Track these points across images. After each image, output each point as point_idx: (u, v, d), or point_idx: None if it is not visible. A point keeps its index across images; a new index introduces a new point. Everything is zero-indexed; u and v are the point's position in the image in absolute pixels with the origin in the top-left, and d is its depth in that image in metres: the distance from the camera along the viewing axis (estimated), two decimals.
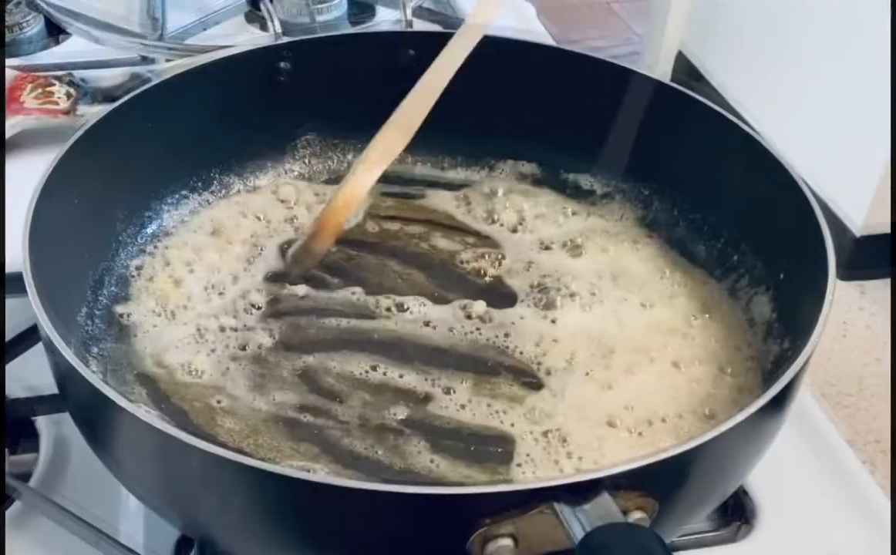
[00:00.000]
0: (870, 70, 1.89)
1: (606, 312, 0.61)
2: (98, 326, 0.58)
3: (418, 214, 0.69)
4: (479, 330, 0.59)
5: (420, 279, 0.63)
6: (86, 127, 0.58)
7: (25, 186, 0.53)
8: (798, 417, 0.60)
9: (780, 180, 0.57)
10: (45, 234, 0.51)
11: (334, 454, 0.51)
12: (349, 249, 0.66)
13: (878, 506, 0.56)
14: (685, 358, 0.57)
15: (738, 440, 0.43)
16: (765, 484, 0.56)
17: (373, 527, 0.40)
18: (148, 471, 0.45)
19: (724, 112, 0.62)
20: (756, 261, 0.61)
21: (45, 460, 0.56)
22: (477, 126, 0.71)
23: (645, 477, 0.39)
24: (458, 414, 0.53)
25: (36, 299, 0.46)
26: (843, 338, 1.77)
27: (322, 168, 0.72)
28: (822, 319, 0.47)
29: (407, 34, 0.84)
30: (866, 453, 1.64)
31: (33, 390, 0.58)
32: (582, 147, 0.70)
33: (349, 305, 0.61)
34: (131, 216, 0.64)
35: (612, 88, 0.67)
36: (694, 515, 0.46)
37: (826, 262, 0.50)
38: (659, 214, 0.68)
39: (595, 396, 0.54)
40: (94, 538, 0.50)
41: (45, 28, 1.00)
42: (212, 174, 0.69)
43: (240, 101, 0.68)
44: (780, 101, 2.23)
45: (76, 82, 0.84)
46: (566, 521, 0.37)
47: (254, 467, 0.39)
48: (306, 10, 0.98)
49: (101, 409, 0.43)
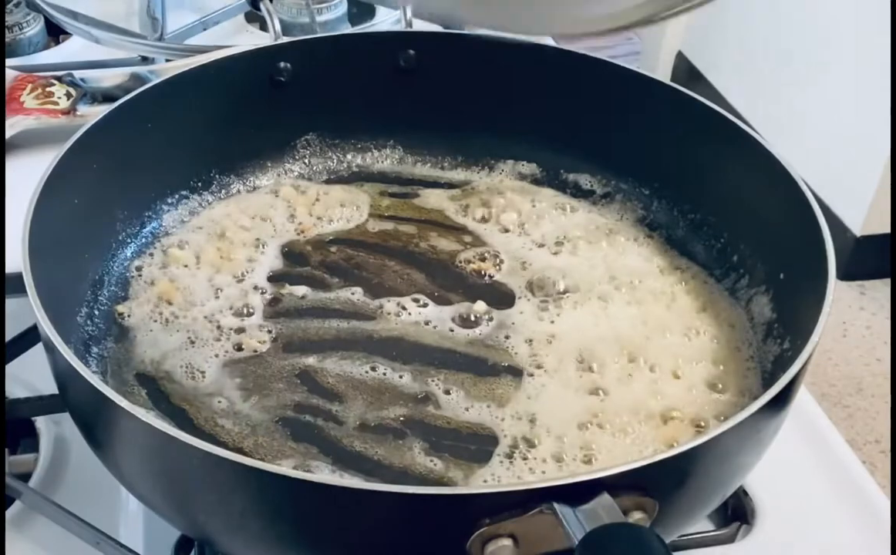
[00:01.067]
0: (870, 70, 1.89)
1: (606, 312, 0.61)
2: (98, 326, 0.58)
3: (418, 214, 0.69)
4: (479, 330, 0.59)
5: (420, 279, 0.63)
6: (86, 127, 0.58)
7: (25, 186, 0.53)
8: (798, 417, 0.60)
9: (779, 180, 0.57)
10: (45, 234, 0.51)
11: (334, 454, 0.51)
12: (349, 248, 0.66)
13: (878, 506, 0.56)
14: (685, 357, 0.57)
15: (738, 440, 0.43)
16: (765, 484, 0.56)
17: (373, 527, 0.40)
18: (148, 471, 0.45)
19: (724, 112, 0.62)
20: (756, 261, 0.61)
21: (45, 460, 0.56)
22: (477, 126, 0.72)
23: (645, 477, 0.39)
24: (457, 414, 0.53)
25: (36, 299, 0.46)
26: (843, 338, 1.77)
27: (322, 168, 0.72)
28: (822, 319, 0.47)
29: (407, 34, 0.84)
30: (866, 453, 1.64)
31: (33, 390, 0.58)
32: (582, 147, 0.70)
33: (349, 305, 0.61)
34: (131, 216, 0.64)
35: (612, 89, 0.67)
36: (694, 515, 0.46)
37: (826, 262, 0.50)
38: (658, 214, 0.68)
39: (593, 397, 0.54)
40: (94, 538, 0.50)
41: (45, 28, 1.01)
42: (212, 174, 0.69)
43: (240, 101, 0.68)
44: (780, 101, 2.24)
45: (76, 83, 0.84)
46: (566, 521, 0.37)
47: (254, 467, 0.39)
48: (306, 11, 0.98)
49: (101, 409, 0.43)
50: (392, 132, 0.73)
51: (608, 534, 0.36)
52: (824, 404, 0.64)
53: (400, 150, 0.74)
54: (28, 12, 0.99)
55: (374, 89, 0.71)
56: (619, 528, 0.37)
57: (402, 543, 0.40)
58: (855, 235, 1.91)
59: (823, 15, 2.01)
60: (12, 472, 0.55)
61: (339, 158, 0.73)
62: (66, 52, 0.99)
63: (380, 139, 0.74)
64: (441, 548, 0.40)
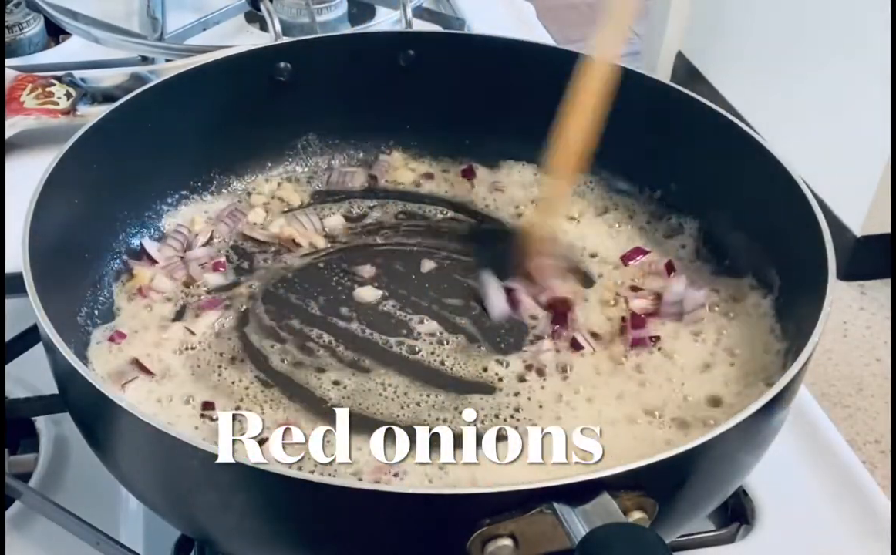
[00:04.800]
0: (870, 70, 1.89)
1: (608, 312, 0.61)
2: (98, 326, 0.58)
3: (418, 218, 0.69)
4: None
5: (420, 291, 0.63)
6: (86, 127, 0.58)
7: (25, 186, 0.53)
8: (798, 417, 0.60)
9: (779, 180, 0.57)
10: (45, 234, 0.51)
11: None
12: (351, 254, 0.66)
13: (878, 506, 0.56)
14: (685, 357, 0.57)
15: (738, 441, 0.43)
16: (765, 484, 0.56)
17: (373, 527, 0.40)
18: (148, 471, 0.45)
19: (724, 112, 0.62)
20: (756, 261, 0.61)
21: (45, 460, 0.56)
22: (477, 126, 0.72)
23: (645, 477, 0.39)
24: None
25: (36, 299, 0.46)
26: (844, 338, 1.77)
27: (322, 168, 0.72)
28: (823, 319, 0.47)
29: (407, 34, 0.84)
30: (866, 453, 1.64)
31: (33, 390, 0.58)
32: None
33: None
34: (131, 216, 0.64)
35: (611, 89, 0.67)
36: (694, 515, 0.46)
37: (826, 262, 0.50)
38: (657, 213, 0.68)
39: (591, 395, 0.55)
40: (94, 538, 0.50)
41: (45, 28, 1.01)
42: (211, 174, 0.69)
43: (239, 101, 0.68)
44: (780, 101, 2.23)
45: (76, 83, 0.85)
46: (566, 521, 0.37)
47: (254, 467, 0.39)
48: (306, 11, 0.98)
49: (101, 409, 0.43)
50: (392, 132, 0.73)
51: (608, 534, 0.36)
52: (824, 404, 0.64)
53: (400, 150, 0.74)
54: (28, 12, 0.99)
55: (374, 89, 0.71)
56: (619, 528, 0.37)
57: (402, 542, 0.40)
58: (855, 235, 1.91)
59: (823, 15, 2.01)
60: (12, 472, 0.55)
61: (339, 158, 0.73)
62: (66, 52, 0.99)
63: (380, 139, 0.74)
64: (441, 548, 0.40)
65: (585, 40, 0.61)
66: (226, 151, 0.69)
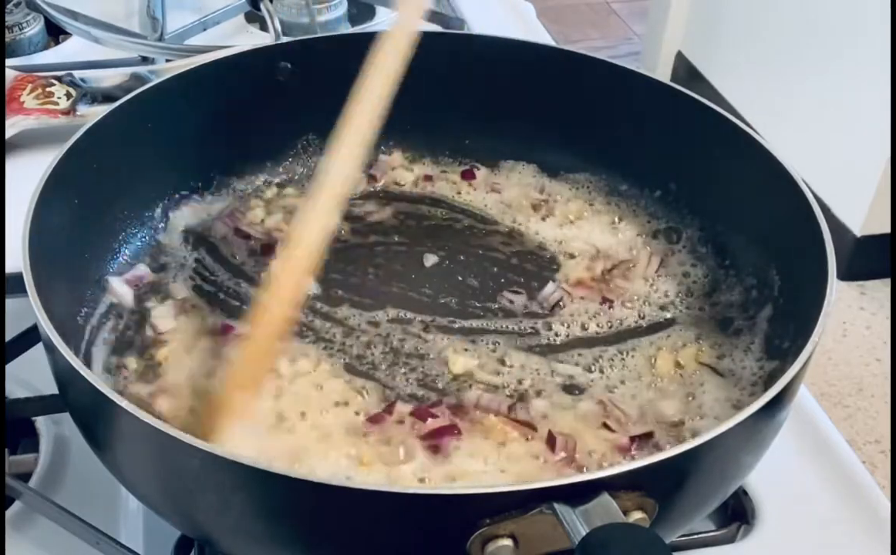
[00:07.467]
0: (870, 70, 1.88)
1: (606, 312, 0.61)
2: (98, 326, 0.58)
3: (418, 218, 0.69)
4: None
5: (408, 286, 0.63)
6: (86, 127, 0.58)
7: (25, 186, 0.53)
8: (798, 417, 0.60)
9: (779, 181, 0.57)
10: (45, 234, 0.51)
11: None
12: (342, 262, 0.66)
13: (878, 506, 0.56)
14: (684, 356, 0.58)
15: (738, 441, 0.43)
16: (765, 484, 0.56)
17: (373, 527, 0.40)
18: (148, 471, 0.45)
19: (724, 112, 0.62)
20: (756, 261, 0.61)
21: (45, 460, 0.56)
22: (477, 126, 0.72)
23: (645, 478, 0.39)
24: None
25: (36, 299, 0.46)
26: (843, 338, 1.77)
27: (322, 168, 0.72)
28: (822, 319, 0.47)
29: None
30: (866, 453, 1.64)
31: (33, 390, 0.58)
32: (582, 147, 0.70)
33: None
34: (131, 216, 0.64)
35: (612, 89, 0.67)
36: (694, 515, 0.46)
37: (826, 262, 0.50)
38: (656, 213, 0.68)
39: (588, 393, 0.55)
40: (94, 538, 0.50)
41: (45, 28, 1.01)
42: (211, 174, 0.69)
43: (240, 101, 0.68)
44: (780, 102, 2.23)
45: (76, 83, 0.84)
46: (566, 521, 0.37)
47: (254, 467, 0.39)
48: (306, 11, 0.98)
49: (101, 409, 0.43)
50: (392, 132, 0.73)
51: (608, 534, 0.36)
52: (824, 404, 0.64)
53: (400, 150, 0.74)
54: (28, 12, 0.99)
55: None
56: (619, 528, 0.37)
57: (402, 542, 0.40)
58: (855, 235, 1.91)
59: (824, 15, 2.01)
60: (12, 472, 0.55)
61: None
62: (66, 52, 0.99)
63: (379, 139, 0.73)
64: (441, 548, 0.40)
65: (585, 40, 0.61)
66: (226, 151, 0.69)
